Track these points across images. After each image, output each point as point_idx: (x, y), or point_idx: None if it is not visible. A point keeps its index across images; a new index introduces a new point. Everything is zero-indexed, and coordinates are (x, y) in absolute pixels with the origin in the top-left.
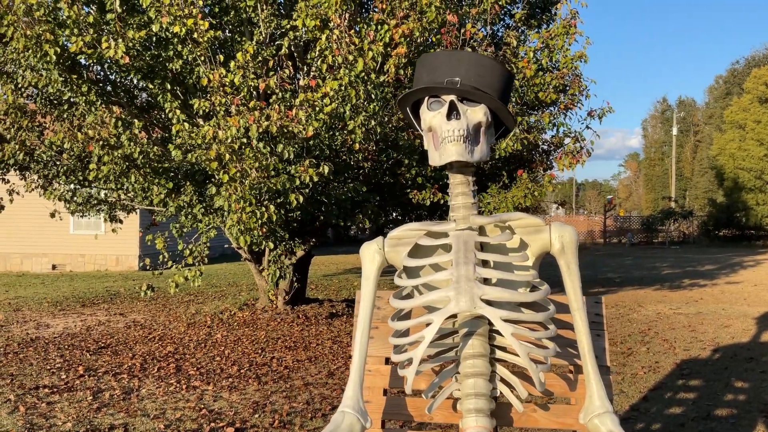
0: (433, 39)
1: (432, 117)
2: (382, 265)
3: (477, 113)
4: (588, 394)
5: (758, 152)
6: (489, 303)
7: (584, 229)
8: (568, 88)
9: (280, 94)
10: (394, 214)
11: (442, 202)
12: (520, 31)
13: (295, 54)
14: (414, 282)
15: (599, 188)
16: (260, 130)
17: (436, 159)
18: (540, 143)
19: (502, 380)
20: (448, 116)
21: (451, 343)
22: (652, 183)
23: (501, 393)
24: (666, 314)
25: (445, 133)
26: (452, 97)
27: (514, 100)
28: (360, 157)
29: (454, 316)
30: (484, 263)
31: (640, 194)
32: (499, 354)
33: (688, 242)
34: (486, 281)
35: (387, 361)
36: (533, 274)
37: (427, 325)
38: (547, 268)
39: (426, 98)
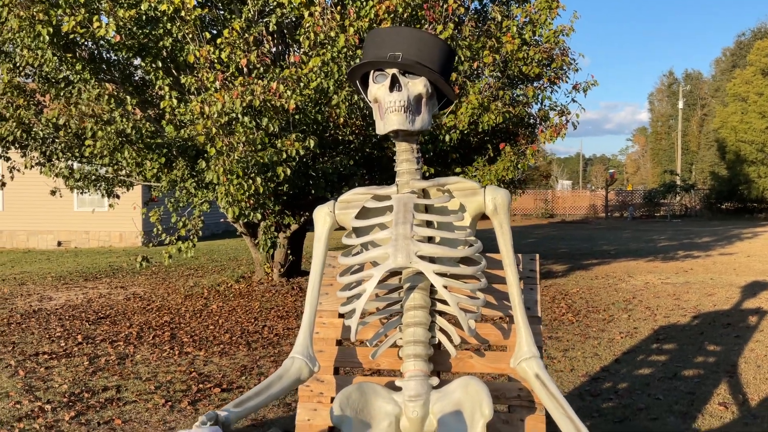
0: (418, 14)
1: (377, 89)
2: (333, 226)
3: (417, 85)
4: (517, 341)
5: (760, 125)
6: (426, 259)
7: (587, 203)
8: (553, 61)
9: (261, 69)
10: None
11: (428, 174)
12: (507, 5)
13: (285, 31)
14: (359, 240)
15: (607, 163)
16: (244, 104)
17: (381, 127)
18: (526, 117)
19: (441, 329)
20: (391, 88)
21: (397, 297)
22: (658, 157)
23: (439, 341)
24: (654, 284)
25: (388, 104)
26: (394, 70)
27: (496, 74)
28: (347, 132)
29: (400, 273)
30: (428, 223)
31: (647, 168)
32: (439, 306)
33: (690, 216)
34: (430, 239)
35: (340, 314)
36: (469, 233)
37: (370, 279)
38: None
39: (372, 71)
